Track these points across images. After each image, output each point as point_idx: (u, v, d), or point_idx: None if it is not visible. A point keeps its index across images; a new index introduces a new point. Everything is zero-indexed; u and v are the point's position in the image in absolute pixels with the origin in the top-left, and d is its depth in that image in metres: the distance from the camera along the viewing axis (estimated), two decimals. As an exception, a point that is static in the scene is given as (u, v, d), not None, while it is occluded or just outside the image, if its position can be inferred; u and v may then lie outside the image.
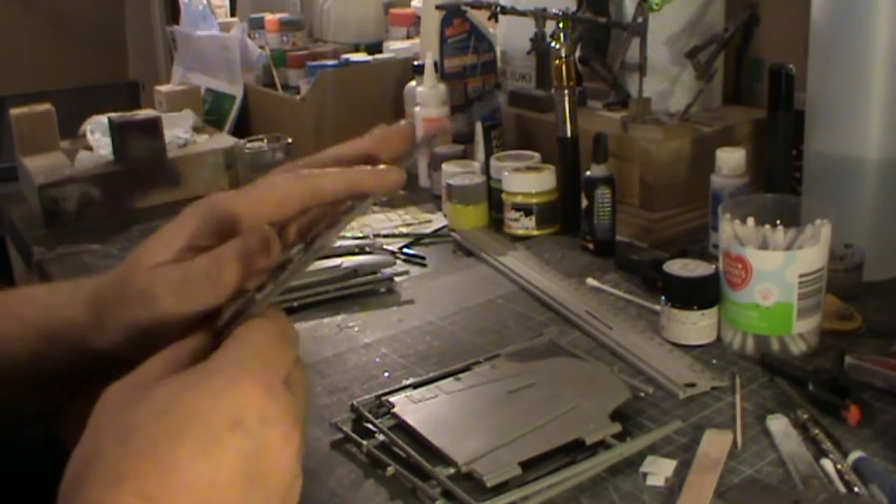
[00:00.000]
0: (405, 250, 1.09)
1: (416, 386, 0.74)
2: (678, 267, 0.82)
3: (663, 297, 0.82)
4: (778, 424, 0.67)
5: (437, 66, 1.28)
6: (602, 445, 0.65)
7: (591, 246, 1.04)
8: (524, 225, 1.10)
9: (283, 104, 1.52)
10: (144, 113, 1.41)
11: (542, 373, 0.74)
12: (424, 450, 0.66)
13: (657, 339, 0.82)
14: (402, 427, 0.69)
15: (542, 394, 0.71)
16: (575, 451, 0.64)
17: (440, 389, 0.73)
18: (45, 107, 1.43)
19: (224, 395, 0.40)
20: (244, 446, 0.40)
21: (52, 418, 0.73)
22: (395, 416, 0.70)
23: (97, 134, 1.42)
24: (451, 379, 0.75)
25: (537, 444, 0.64)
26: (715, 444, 0.65)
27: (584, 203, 1.03)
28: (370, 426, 0.69)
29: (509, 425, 0.66)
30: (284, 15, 1.76)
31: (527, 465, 0.62)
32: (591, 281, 0.96)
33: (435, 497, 0.61)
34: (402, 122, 0.66)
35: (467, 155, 1.23)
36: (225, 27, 1.75)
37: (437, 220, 1.19)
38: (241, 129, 1.59)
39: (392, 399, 0.72)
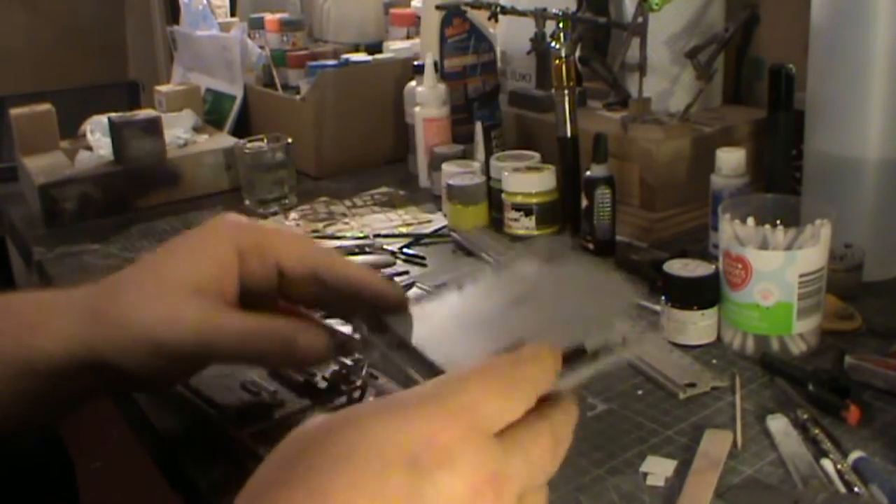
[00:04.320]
0: (405, 250, 1.09)
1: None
2: (678, 267, 0.82)
3: (663, 297, 0.82)
4: (778, 424, 0.67)
5: (437, 66, 1.28)
6: (604, 351, 0.58)
7: (591, 246, 1.04)
8: (524, 225, 1.10)
9: (283, 104, 1.52)
10: (144, 113, 1.41)
11: (544, 279, 0.69)
12: (421, 365, 0.61)
13: (657, 339, 0.82)
14: (399, 343, 0.64)
15: (543, 301, 0.66)
16: (576, 357, 0.60)
17: (440, 301, 0.68)
18: (45, 107, 1.43)
19: (405, 428, 0.35)
20: (417, 489, 0.34)
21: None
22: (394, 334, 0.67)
23: (97, 134, 1.42)
24: (452, 291, 0.68)
25: None
26: (715, 444, 0.65)
27: (584, 203, 1.03)
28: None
29: (508, 335, 0.58)
30: (284, 15, 1.76)
31: None
32: (591, 281, 0.96)
33: None
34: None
35: (467, 155, 1.23)
36: (225, 27, 1.75)
37: (437, 220, 1.19)
38: (241, 129, 1.58)
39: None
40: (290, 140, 1.29)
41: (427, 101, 1.28)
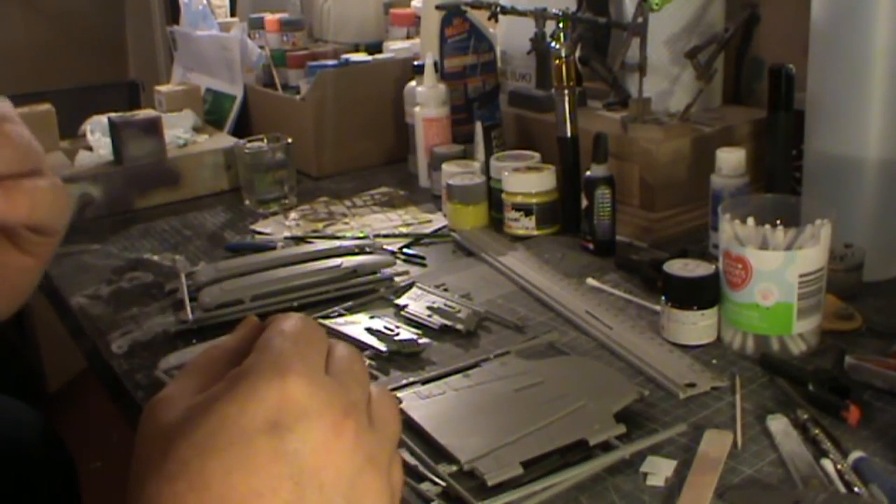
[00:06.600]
0: (405, 250, 1.09)
1: (424, 382, 0.74)
2: (678, 267, 0.82)
3: (663, 297, 0.82)
4: (778, 424, 0.67)
5: (437, 66, 1.28)
6: (605, 446, 0.65)
7: (591, 246, 1.04)
8: (524, 225, 1.10)
9: (283, 104, 1.52)
10: (144, 113, 1.41)
11: (550, 371, 0.74)
12: (428, 446, 0.66)
13: (657, 339, 0.82)
14: (408, 423, 0.69)
15: (549, 392, 0.71)
16: (578, 451, 0.64)
17: (448, 386, 0.73)
18: (45, 107, 1.43)
19: (254, 398, 0.38)
20: (283, 448, 0.37)
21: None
22: (401, 411, 0.70)
23: (97, 134, 1.42)
24: (459, 375, 0.75)
25: (541, 444, 0.64)
26: (715, 444, 0.65)
27: (584, 203, 1.03)
28: None
29: (514, 424, 0.66)
30: (284, 15, 1.76)
31: (529, 465, 0.62)
32: (591, 281, 0.96)
33: (434, 496, 0.61)
34: None
35: (467, 155, 1.23)
36: (225, 27, 1.75)
37: (437, 220, 1.19)
38: (241, 129, 1.59)
39: (400, 394, 0.72)
40: (290, 140, 1.29)
41: (427, 101, 1.28)
